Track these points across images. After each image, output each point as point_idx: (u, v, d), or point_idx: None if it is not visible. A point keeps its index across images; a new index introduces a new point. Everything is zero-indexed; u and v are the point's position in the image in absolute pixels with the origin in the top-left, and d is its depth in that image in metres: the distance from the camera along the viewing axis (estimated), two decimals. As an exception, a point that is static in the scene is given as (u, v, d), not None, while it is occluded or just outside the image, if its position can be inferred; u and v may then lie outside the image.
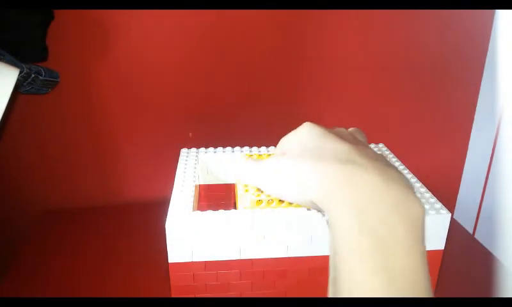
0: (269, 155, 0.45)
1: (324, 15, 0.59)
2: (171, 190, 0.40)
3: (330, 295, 0.27)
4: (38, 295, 0.46)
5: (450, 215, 0.37)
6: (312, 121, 0.34)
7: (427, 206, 0.37)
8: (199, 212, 0.36)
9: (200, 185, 0.47)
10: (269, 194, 0.36)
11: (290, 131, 0.35)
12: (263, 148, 0.47)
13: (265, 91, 0.63)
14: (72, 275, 0.50)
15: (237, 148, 0.47)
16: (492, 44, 0.64)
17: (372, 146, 0.49)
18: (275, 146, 0.47)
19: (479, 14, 0.63)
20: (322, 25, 0.60)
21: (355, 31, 0.62)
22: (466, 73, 0.66)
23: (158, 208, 0.44)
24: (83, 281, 0.49)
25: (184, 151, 0.47)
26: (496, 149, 0.65)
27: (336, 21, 0.60)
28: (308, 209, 0.37)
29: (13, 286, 0.48)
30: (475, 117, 0.69)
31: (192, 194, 0.39)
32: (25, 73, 0.46)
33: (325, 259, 0.37)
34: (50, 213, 0.62)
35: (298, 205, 0.38)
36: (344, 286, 0.26)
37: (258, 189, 0.38)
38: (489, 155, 0.66)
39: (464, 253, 0.56)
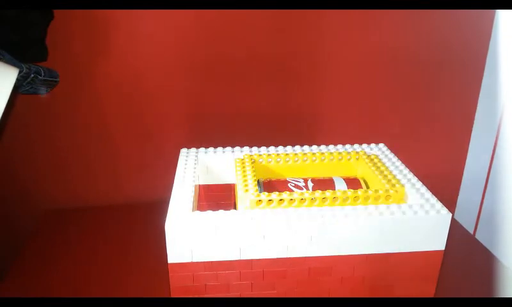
0: (269, 155, 0.45)
1: (324, 15, 0.59)
2: (171, 190, 0.40)
3: None
4: (40, 295, 0.46)
5: (450, 215, 0.37)
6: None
7: (427, 207, 0.37)
8: (199, 212, 0.36)
9: (200, 185, 0.47)
10: None
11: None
12: (263, 148, 0.47)
13: (265, 91, 0.63)
14: (73, 275, 0.50)
15: (237, 148, 0.47)
16: (492, 44, 0.64)
17: (373, 146, 0.49)
18: (275, 146, 0.48)
19: (479, 14, 0.63)
20: (322, 25, 0.60)
21: (355, 31, 0.61)
22: (467, 73, 0.66)
23: (158, 208, 0.44)
24: (83, 281, 0.49)
25: (183, 151, 0.47)
26: (496, 149, 0.65)
27: (336, 21, 0.60)
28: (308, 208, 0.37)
29: (14, 285, 0.48)
30: (476, 117, 0.69)
31: (192, 194, 0.39)
32: (24, 73, 0.46)
33: (325, 259, 0.37)
34: (51, 213, 0.62)
35: (298, 205, 0.38)
36: None
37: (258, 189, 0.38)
38: (490, 155, 0.66)
39: (465, 253, 0.56)
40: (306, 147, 0.48)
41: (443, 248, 0.38)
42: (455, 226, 0.60)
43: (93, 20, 0.56)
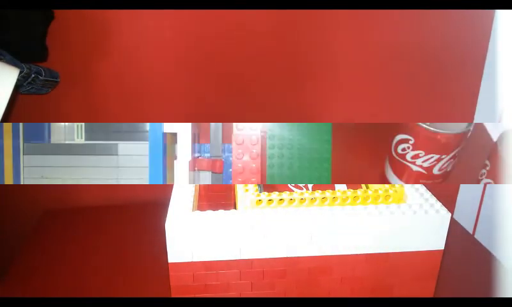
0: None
1: (323, 15, 0.59)
2: (171, 190, 0.40)
3: None
4: (39, 295, 0.46)
5: (450, 215, 0.37)
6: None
7: (427, 206, 0.38)
8: (199, 211, 0.36)
9: (200, 185, 0.47)
10: None
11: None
12: (263, 148, 0.47)
13: (264, 91, 0.63)
14: (72, 275, 0.50)
15: (237, 148, 0.47)
16: (492, 44, 0.64)
17: (372, 146, 0.49)
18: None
19: (479, 14, 0.63)
20: (322, 25, 0.60)
21: (355, 30, 0.61)
22: (466, 74, 0.66)
23: (158, 208, 0.44)
24: (83, 281, 0.49)
25: (183, 151, 0.47)
26: (496, 149, 0.65)
27: (337, 21, 0.60)
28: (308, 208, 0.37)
29: (13, 285, 0.48)
30: (475, 117, 0.69)
31: (192, 194, 0.39)
32: (25, 73, 0.46)
33: (325, 259, 0.37)
34: (51, 213, 0.62)
35: (298, 205, 0.38)
36: None
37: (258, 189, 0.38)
38: (489, 155, 0.66)
39: (464, 253, 0.56)
40: (306, 147, 0.48)
41: (442, 248, 0.38)
42: (454, 226, 0.60)
43: (93, 20, 0.56)
